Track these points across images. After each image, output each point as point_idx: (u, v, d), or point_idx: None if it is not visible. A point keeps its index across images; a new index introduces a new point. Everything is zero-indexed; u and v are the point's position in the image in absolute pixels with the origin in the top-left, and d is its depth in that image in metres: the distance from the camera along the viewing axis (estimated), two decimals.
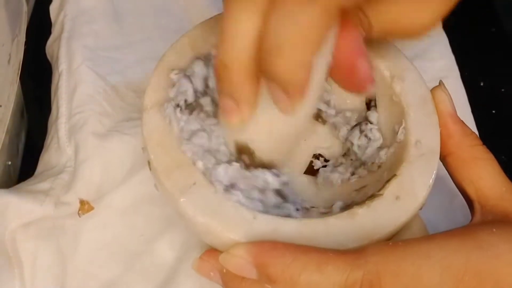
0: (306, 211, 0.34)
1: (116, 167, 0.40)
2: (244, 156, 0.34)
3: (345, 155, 0.37)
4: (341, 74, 0.32)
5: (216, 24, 0.36)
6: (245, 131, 0.33)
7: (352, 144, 0.37)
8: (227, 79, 0.30)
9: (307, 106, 0.32)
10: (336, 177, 0.36)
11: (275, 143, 0.34)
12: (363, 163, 0.36)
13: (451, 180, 0.34)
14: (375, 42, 0.35)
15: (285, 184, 0.34)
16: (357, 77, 0.31)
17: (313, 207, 0.34)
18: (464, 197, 0.34)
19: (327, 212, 0.33)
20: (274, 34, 0.27)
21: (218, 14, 0.37)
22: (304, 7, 0.26)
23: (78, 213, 0.39)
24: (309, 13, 0.27)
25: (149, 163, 0.33)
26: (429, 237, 0.30)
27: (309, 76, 0.29)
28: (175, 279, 0.37)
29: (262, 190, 0.33)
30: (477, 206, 0.32)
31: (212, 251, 0.32)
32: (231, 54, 0.29)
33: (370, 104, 0.37)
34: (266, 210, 0.32)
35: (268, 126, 0.33)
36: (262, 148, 0.34)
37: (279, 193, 0.34)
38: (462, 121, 0.34)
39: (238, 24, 0.28)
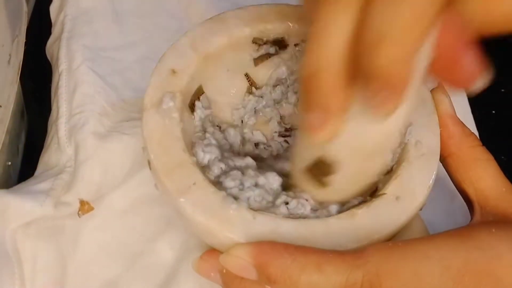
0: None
1: (116, 167, 0.40)
2: (311, 180, 0.32)
3: None
4: (444, 69, 0.27)
5: (216, 24, 0.36)
6: (323, 147, 0.31)
7: None
8: (315, 90, 0.27)
9: (404, 111, 0.29)
10: None
11: (360, 163, 0.32)
12: None
13: (450, 180, 0.34)
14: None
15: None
16: (461, 72, 0.27)
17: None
18: (464, 198, 0.34)
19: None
20: (375, 27, 0.24)
21: (218, 14, 0.37)
22: None
23: (78, 214, 0.39)
24: (414, 1, 0.24)
25: (149, 162, 0.33)
26: (428, 237, 0.30)
27: (411, 73, 0.25)
28: (175, 279, 0.37)
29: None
30: (476, 207, 0.32)
31: (212, 251, 0.32)
32: (322, 60, 0.26)
33: None
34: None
35: (354, 141, 0.30)
36: (345, 166, 0.31)
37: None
38: (462, 122, 0.34)
39: (329, 27, 0.25)
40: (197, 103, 0.36)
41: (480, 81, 0.27)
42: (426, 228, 0.34)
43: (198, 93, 0.36)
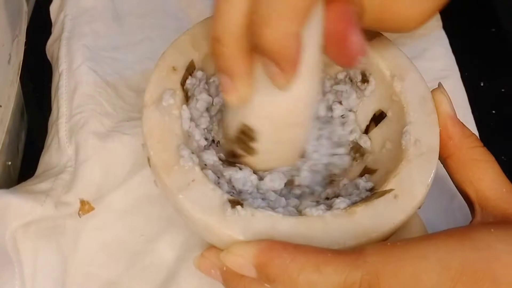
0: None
1: (117, 167, 0.40)
2: (240, 145, 0.34)
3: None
4: (332, 47, 0.31)
5: None
6: (246, 114, 0.33)
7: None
8: (220, 53, 0.30)
9: (305, 82, 0.32)
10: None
11: (278, 133, 0.34)
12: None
13: (450, 180, 0.34)
14: (377, 42, 0.35)
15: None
16: (348, 49, 0.31)
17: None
18: (464, 199, 0.34)
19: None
20: (262, 6, 0.28)
21: None
22: None
23: (79, 214, 0.39)
24: None
25: (148, 159, 0.33)
26: (427, 237, 0.30)
27: (299, 48, 0.29)
28: (175, 279, 0.37)
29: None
30: (477, 207, 0.32)
31: (213, 248, 0.32)
32: (223, 28, 0.29)
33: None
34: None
35: (269, 109, 0.33)
36: (265, 136, 0.34)
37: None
38: (462, 123, 0.34)
39: (230, 1, 0.29)
40: (190, 80, 0.35)
41: (362, 59, 0.31)
42: (425, 227, 0.34)
43: (190, 69, 0.35)
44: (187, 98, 0.35)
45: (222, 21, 0.29)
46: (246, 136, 0.34)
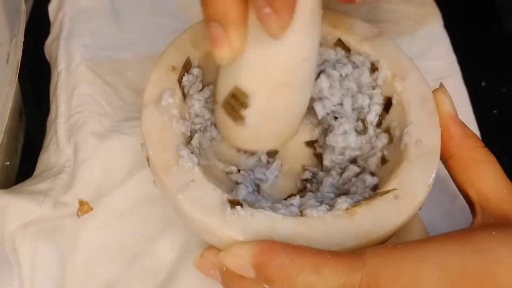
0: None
1: (116, 167, 0.40)
2: (230, 112, 0.33)
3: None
4: None
5: None
6: (238, 74, 0.31)
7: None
8: (212, 2, 0.28)
9: (302, 33, 0.30)
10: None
11: (273, 96, 0.32)
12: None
13: (452, 181, 0.34)
14: (378, 42, 0.35)
15: None
16: None
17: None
18: (465, 200, 0.34)
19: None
20: None
21: None
22: None
23: (77, 214, 0.39)
24: None
25: (148, 159, 0.33)
26: (427, 239, 0.30)
27: None
28: (175, 279, 0.37)
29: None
30: (478, 208, 0.32)
31: (213, 248, 0.32)
32: None
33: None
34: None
35: (262, 66, 0.31)
36: (258, 100, 0.32)
37: None
38: (463, 123, 0.34)
39: None
40: (186, 77, 0.35)
41: None
42: (425, 228, 0.34)
43: (187, 66, 0.35)
44: (184, 95, 0.35)
45: None
46: (237, 101, 0.32)
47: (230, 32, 0.29)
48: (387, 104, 0.36)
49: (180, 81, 0.34)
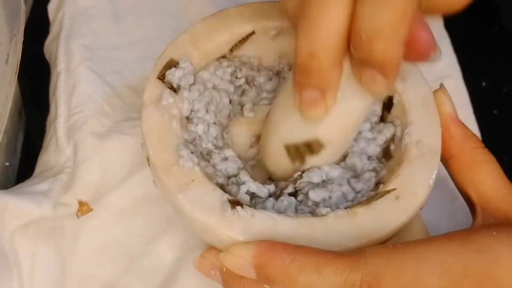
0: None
1: (116, 168, 0.40)
2: (294, 157, 0.34)
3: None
4: (407, 45, 0.30)
5: (217, 20, 0.36)
6: (316, 128, 0.32)
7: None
8: (314, 68, 0.29)
9: None
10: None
11: (345, 137, 0.33)
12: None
13: (452, 181, 0.34)
14: None
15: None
16: (420, 46, 0.30)
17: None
18: (465, 200, 0.34)
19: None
20: (370, 19, 0.27)
21: (219, 11, 0.37)
22: None
23: (77, 214, 0.39)
24: (397, 2, 0.27)
25: (148, 159, 0.33)
26: (429, 239, 0.30)
27: (400, 59, 0.29)
28: (175, 280, 0.37)
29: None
30: (478, 209, 0.32)
31: (213, 249, 0.32)
32: (321, 41, 0.28)
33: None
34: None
35: (344, 119, 0.32)
36: (333, 143, 0.33)
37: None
38: (464, 124, 0.34)
39: (325, 13, 0.28)
40: (171, 71, 0.34)
41: (435, 54, 0.30)
42: (426, 229, 0.34)
43: (169, 65, 0.35)
44: (175, 91, 0.34)
45: (319, 35, 0.28)
46: (309, 149, 0.33)
47: (329, 95, 0.30)
48: (389, 104, 0.36)
49: (161, 78, 0.34)
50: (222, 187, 0.33)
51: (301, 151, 0.33)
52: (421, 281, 0.27)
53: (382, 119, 0.36)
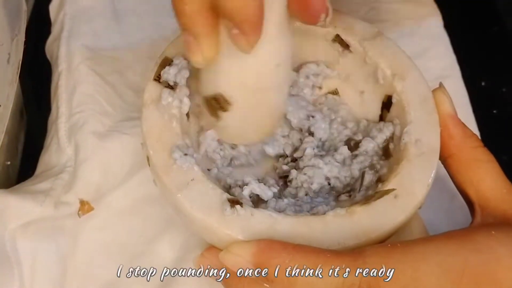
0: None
1: (116, 167, 0.40)
2: (210, 109, 0.34)
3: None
4: (296, 6, 0.32)
5: None
6: (219, 82, 0.33)
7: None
8: (181, 11, 0.30)
9: (273, 43, 0.32)
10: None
11: (252, 98, 0.34)
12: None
13: (451, 180, 0.34)
14: (378, 41, 0.35)
15: None
16: (311, 7, 0.32)
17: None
18: (464, 199, 0.34)
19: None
20: None
21: None
22: None
23: (78, 214, 0.39)
24: None
25: (148, 158, 0.33)
26: (427, 238, 0.30)
27: (261, 11, 0.29)
28: (175, 280, 0.37)
29: None
30: (477, 208, 0.32)
31: (213, 248, 0.32)
32: None
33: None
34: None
35: (240, 75, 0.33)
36: (239, 102, 0.33)
37: None
38: (463, 123, 0.34)
39: None
40: (172, 69, 0.35)
41: (325, 16, 0.32)
42: (425, 228, 0.34)
43: (164, 63, 0.35)
44: (172, 88, 0.34)
45: None
46: (218, 103, 0.34)
47: (201, 42, 0.30)
48: (388, 103, 0.36)
49: (157, 79, 0.34)
50: (228, 189, 0.33)
51: (213, 105, 0.34)
52: (420, 281, 0.27)
53: (382, 118, 0.36)
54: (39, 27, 0.48)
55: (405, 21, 0.48)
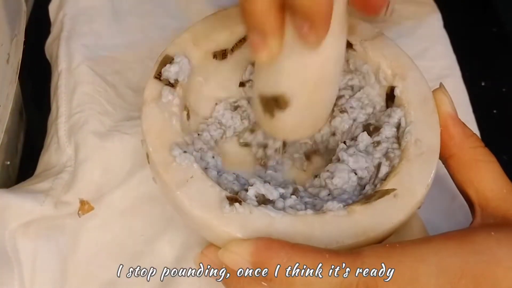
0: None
1: (116, 167, 0.40)
2: (266, 108, 0.35)
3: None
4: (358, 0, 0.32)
5: (218, 19, 0.36)
6: (278, 83, 0.33)
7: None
8: (251, 10, 0.30)
9: (335, 40, 0.32)
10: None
11: (312, 95, 0.34)
12: None
13: (451, 180, 0.34)
14: (378, 41, 0.35)
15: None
16: (372, 1, 0.32)
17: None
18: (465, 199, 0.34)
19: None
20: None
21: (219, 10, 0.37)
22: None
23: (78, 213, 0.39)
24: None
25: (147, 155, 0.33)
26: (426, 239, 0.30)
27: (331, 5, 0.29)
28: (175, 279, 0.37)
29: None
30: (477, 208, 0.32)
31: (213, 246, 0.32)
32: None
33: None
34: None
35: (303, 73, 0.33)
36: (298, 98, 0.34)
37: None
38: (463, 123, 0.34)
39: None
40: (166, 68, 0.35)
41: (386, 10, 0.32)
42: (424, 227, 0.34)
43: (165, 61, 0.35)
44: (173, 86, 0.34)
45: None
46: (276, 103, 0.34)
47: (269, 39, 0.31)
48: (391, 95, 0.36)
49: (158, 77, 0.35)
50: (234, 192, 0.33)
51: (270, 104, 0.34)
52: (418, 282, 0.27)
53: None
54: (38, 27, 0.48)
55: (405, 21, 0.48)
